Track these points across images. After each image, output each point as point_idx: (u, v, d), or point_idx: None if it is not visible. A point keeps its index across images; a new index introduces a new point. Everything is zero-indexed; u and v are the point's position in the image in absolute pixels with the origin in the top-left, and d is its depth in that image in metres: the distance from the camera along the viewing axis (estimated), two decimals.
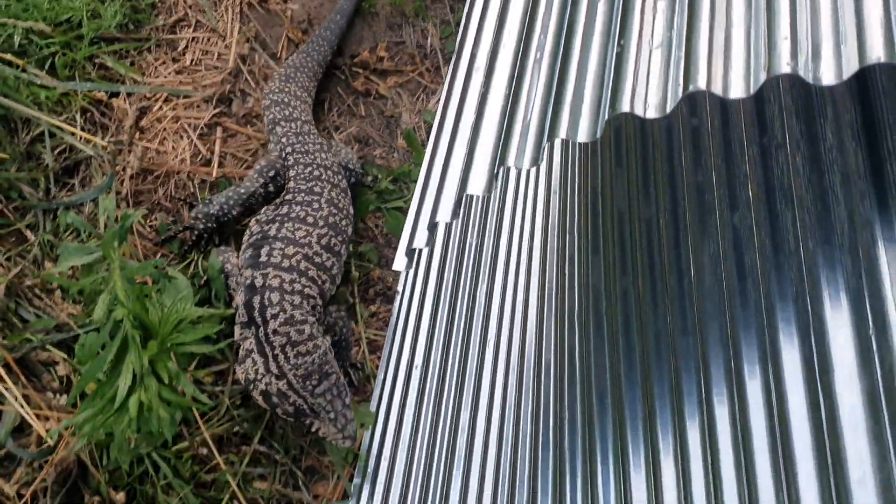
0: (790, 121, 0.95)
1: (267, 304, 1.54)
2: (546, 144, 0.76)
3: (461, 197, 0.81)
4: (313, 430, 1.48)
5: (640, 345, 1.12)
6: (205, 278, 1.70)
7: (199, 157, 1.94)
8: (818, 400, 0.81)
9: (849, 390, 0.78)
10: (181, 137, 1.96)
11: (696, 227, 1.04)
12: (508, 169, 1.62)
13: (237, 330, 1.58)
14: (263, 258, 1.60)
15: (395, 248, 1.99)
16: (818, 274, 0.86)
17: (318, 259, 1.64)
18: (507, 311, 1.51)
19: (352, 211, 1.80)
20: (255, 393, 1.49)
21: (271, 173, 1.80)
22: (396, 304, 1.84)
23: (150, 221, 1.85)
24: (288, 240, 1.63)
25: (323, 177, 1.78)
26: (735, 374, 0.91)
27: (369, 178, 1.98)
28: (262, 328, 1.52)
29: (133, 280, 1.27)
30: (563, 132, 0.73)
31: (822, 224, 0.88)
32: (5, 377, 1.51)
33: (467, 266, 1.69)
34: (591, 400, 1.19)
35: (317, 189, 1.75)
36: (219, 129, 1.99)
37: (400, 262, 0.92)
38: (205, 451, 1.59)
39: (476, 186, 0.80)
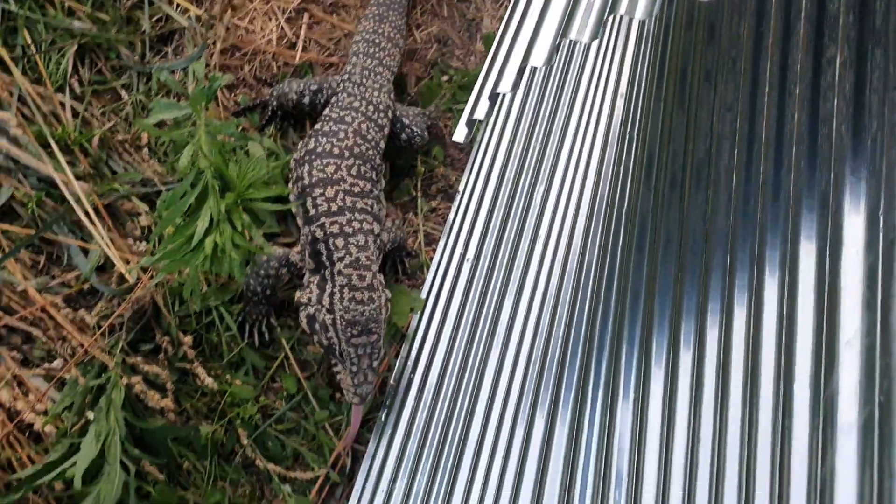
0: (847, 20, 0.98)
1: (333, 248, 1.57)
2: (607, 19, 0.81)
3: (524, 67, 0.87)
4: (335, 370, 1.53)
5: (677, 248, 1.18)
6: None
7: (285, 39, 2.03)
8: (824, 276, 0.86)
9: (853, 267, 0.84)
10: (269, 19, 2.04)
11: (744, 131, 1.09)
12: (581, 70, 1.67)
13: (306, 276, 1.63)
14: (312, 211, 1.62)
15: (462, 149, 2.06)
16: (846, 162, 0.90)
17: (356, 189, 1.66)
18: (560, 211, 1.58)
19: (382, 147, 1.78)
20: (302, 314, 1.54)
21: (313, 87, 1.83)
22: (456, 201, 1.92)
23: (234, 96, 1.95)
24: (323, 181, 1.63)
25: (360, 108, 1.77)
26: (757, 261, 0.97)
27: (444, 77, 2.04)
28: (329, 268, 1.57)
29: (216, 136, 1.37)
30: (622, 9, 0.78)
31: (856, 115, 0.92)
32: (94, 220, 1.65)
33: (528, 168, 1.76)
34: (626, 294, 1.26)
35: (347, 119, 1.74)
36: (305, 15, 2.07)
37: (460, 134, 0.98)
38: None
39: (538, 58, 0.86)
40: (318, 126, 1.74)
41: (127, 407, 1.50)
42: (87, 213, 1.64)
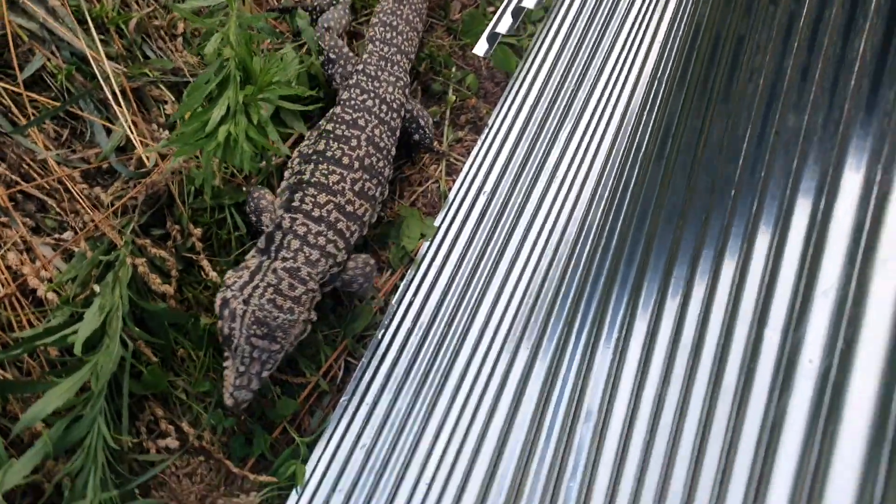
0: None
1: (285, 245, 1.54)
2: None
3: None
4: (224, 364, 1.48)
5: (683, 198, 1.16)
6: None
7: None
8: (814, 227, 0.85)
9: (843, 220, 0.81)
10: None
11: (769, 82, 1.06)
12: (624, 18, 1.63)
13: (249, 256, 1.59)
14: (296, 203, 1.58)
15: (498, 83, 2.04)
16: (857, 121, 0.87)
17: (349, 208, 1.60)
18: (581, 151, 1.57)
19: (393, 153, 1.74)
20: (219, 295, 1.50)
21: (331, 55, 1.79)
22: (484, 133, 1.90)
23: None
24: (321, 186, 1.59)
25: (374, 109, 1.72)
26: (755, 209, 0.95)
27: (490, 8, 2.01)
28: (270, 261, 1.53)
29: (245, 28, 1.37)
30: None
31: (876, 72, 0.88)
32: (121, 100, 1.66)
33: (559, 107, 1.73)
34: (627, 239, 1.25)
35: (361, 122, 1.69)
36: None
37: (480, 48, 0.96)
38: None
39: None
40: (329, 127, 1.68)
41: (132, 286, 1.53)
42: (114, 93, 1.65)
